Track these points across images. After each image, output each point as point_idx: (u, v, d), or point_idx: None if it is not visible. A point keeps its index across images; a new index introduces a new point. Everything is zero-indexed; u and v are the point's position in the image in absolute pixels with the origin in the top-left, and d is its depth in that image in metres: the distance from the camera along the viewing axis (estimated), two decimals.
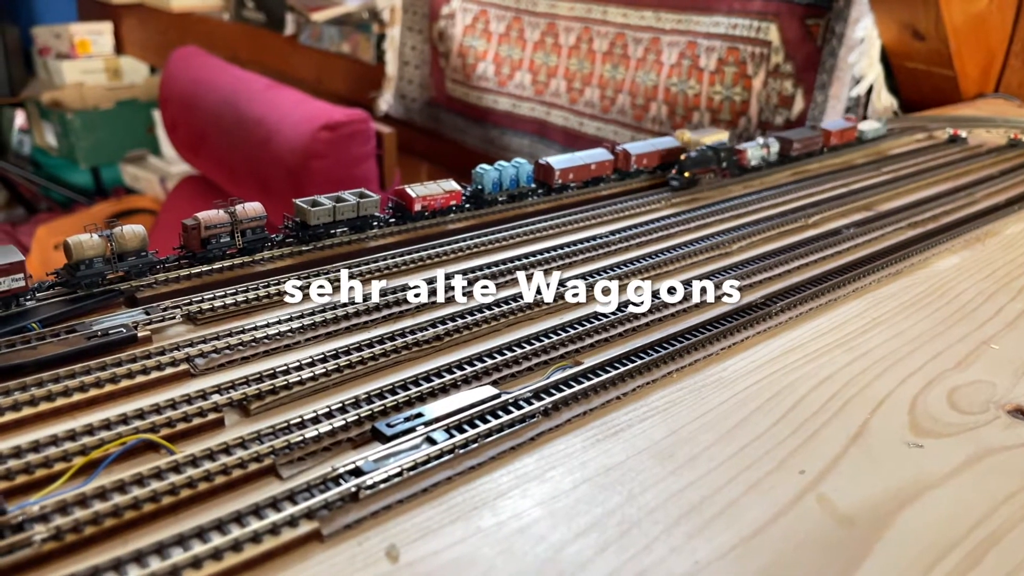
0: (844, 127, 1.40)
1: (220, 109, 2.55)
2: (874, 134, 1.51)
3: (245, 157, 2.45)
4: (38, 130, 4.35)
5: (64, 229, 3.73)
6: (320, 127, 2.16)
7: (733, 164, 1.19)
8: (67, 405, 0.60)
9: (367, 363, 0.68)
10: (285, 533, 0.50)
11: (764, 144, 1.24)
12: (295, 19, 3.25)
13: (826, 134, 1.37)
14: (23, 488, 0.52)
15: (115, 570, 0.46)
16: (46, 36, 4.14)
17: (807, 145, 1.32)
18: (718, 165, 1.16)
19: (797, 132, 1.33)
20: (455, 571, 0.49)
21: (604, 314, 0.78)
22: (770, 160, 1.26)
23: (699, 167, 1.13)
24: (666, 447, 0.61)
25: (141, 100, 4.14)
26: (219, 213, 0.80)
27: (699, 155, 1.14)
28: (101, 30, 4.15)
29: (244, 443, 0.57)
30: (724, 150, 1.17)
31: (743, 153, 1.20)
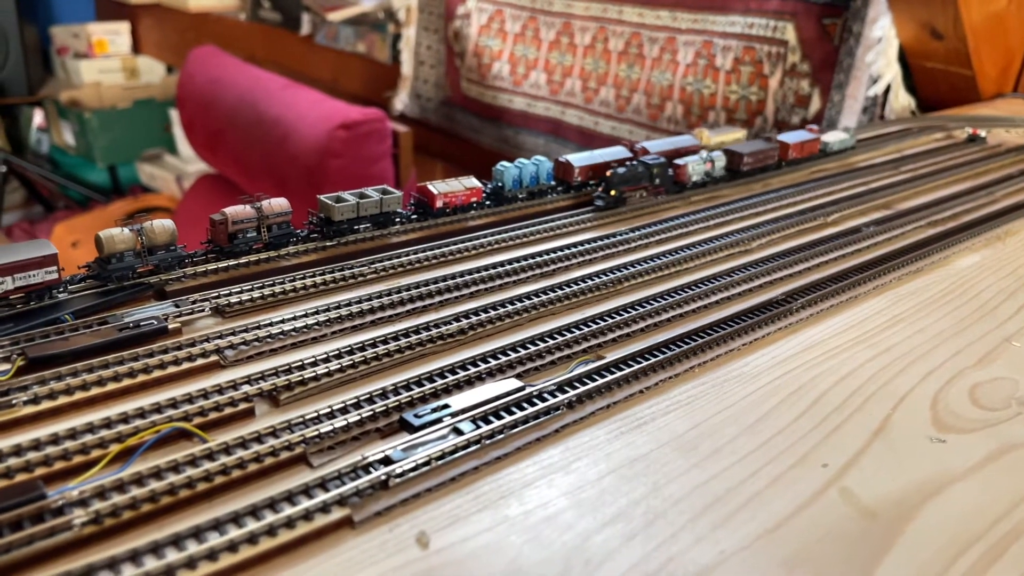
0: (805, 139, 1.28)
1: (238, 108, 2.58)
2: (840, 146, 1.37)
3: (262, 156, 2.47)
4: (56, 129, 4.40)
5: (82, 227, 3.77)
6: (337, 126, 2.18)
7: (668, 180, 1.08)
8: (101, 394, 0.61)
9: (392, 356, 0.69)
10: (318, 519, 0.51)
11: (707, 158, 1.13)
12: (311, 19, 3.28)
13: (783, 147, 1.25)
14: (61, 474, 0.53)
15: (153, 553, 0.47)
16: (64, 36, 4.19)
17: (760, 159, 1.20)
18: (650, 182, 1.06)
19: (749, 145, 1.22)
20: (484, 558, 0.50)
21: (625, 309, 0.78)
22: (715, 175, 1.15)
23: (628, 184, 1.03)
24: (689, 440, 0.62)
25: (158, 99, 4.18)
26: (245, 208, 0.82)
27: (628, 171, 1.03)
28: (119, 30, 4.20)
29: (275, 432, 0.58)
30: (658, 165, 1.06)
31: (682, 168, 1.10)
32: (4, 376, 0.62)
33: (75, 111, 4.05)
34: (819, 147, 1.33)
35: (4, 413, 0.58)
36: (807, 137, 1.29)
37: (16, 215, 4.28)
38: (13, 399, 0.59)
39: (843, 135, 1.38)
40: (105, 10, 4.39)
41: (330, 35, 3.21)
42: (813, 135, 1.30)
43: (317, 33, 3.28)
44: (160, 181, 4.07)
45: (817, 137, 1.32)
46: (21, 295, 0.70)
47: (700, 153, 1.14)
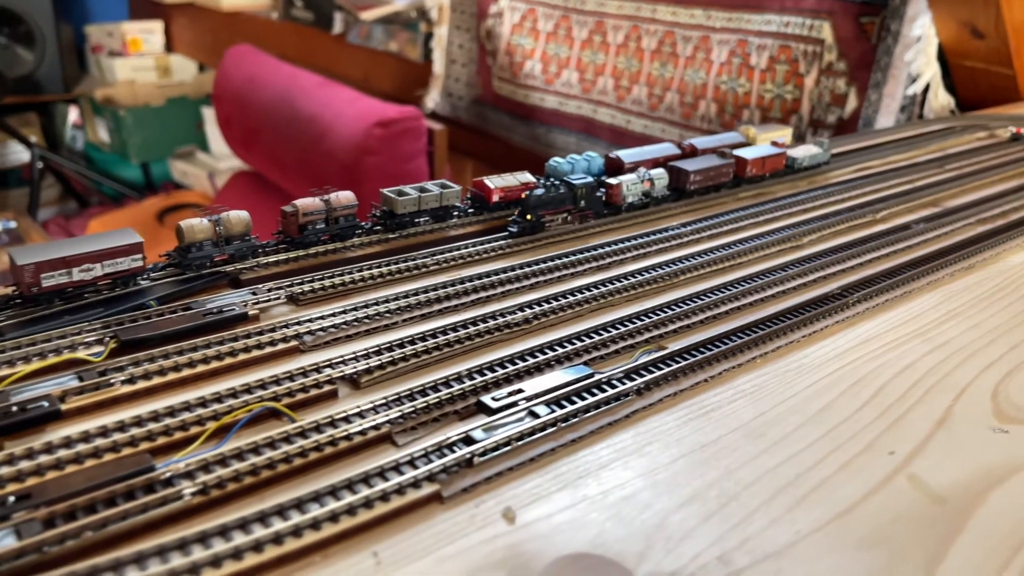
0: (767, 154, 1.16)
1: (274, 106, 2.62)
2: (811, 161, 1.23)
3: (298, 153, 2.51)
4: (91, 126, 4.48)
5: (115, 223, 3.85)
6: (374, 123, 2.21)
7: (598, 203, 0.97)
8: (192, 375, 0.64)
9: (463, 343, 0.71)
10: (409, 494, 0.53)
11: (645, 176, 1.01)
12: (343, 18, 3.32)
13: (739, 162, 1.12)
14: (163, 448, 0.56)
15: (260, 522, 0.50)
16: (99, 34, 4.28)
17: (711, 177, 1.08)
18: (575, 205, 0.95)
19: (698, 161, 1.10)
20: (569, 533, 0.52)
21: (683, 301, 0.80)
22: (656, 195, 1.04)
23: (547, 208, 0.92)
24: (756, 427, 0.63)
25: (190, 97, 4.25)
26: (315, 201, 0.85)
27: (546, 193, 0.92)
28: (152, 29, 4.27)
29: (361, 412, 0.60)
30: (584, 186, 0.94)
31: (615, 189, 0.99)
32: (99, 358, 0.65)
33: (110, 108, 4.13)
34: (784, 163, 1.20)
35: (103, 392, 0.61)
36: (770, 152, 1.17)
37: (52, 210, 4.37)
38: (111, 379, 0.62)
39: (815, 149, 1.25)
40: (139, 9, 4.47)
41: (362, 34, 3.25)
42: (779, 149, 1.18)
43: (349, 32, 3.32)
44: (192, 178, 4.14)
45: (782, 152, 1.19)
46: (108, 281, 0.74)
47: (637, 171, 1.02)
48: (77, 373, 0.62)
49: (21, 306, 0.70)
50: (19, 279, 0.69)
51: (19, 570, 0.45)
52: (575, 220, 0.96)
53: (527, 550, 0.50)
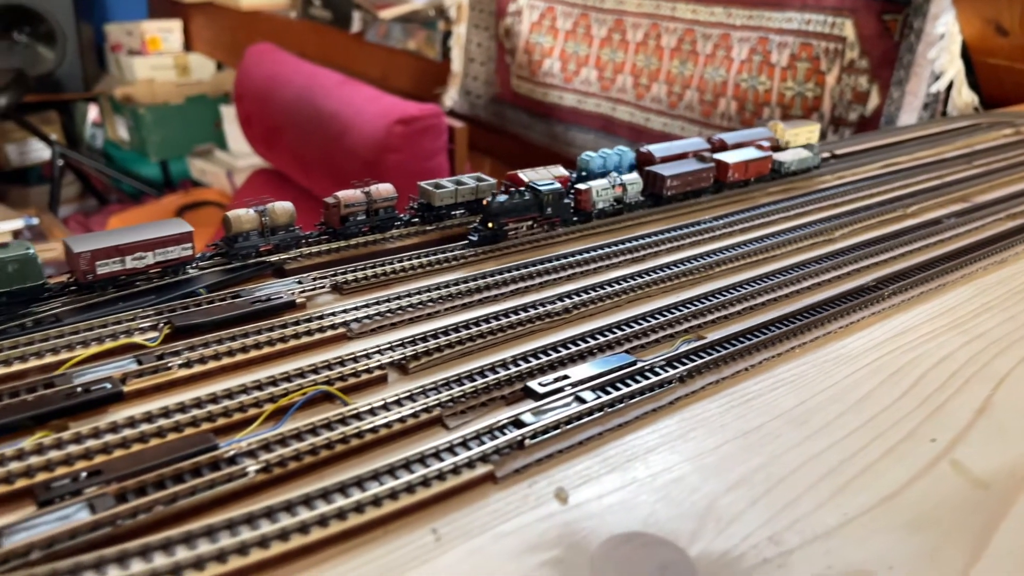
0: (751, 158, 1.09)
1: (295, 104, 2.64)
2: (800, 165, 1.17)
3: (319, 150, 2.53)
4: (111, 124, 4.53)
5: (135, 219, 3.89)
6: (395, 121, 2.23)
7: (566, 210, 0.92)
8: (245, 360, 0.66)
9: (505, 331, 0.73)
10: (464, 474, 0.55)
11: (617, 181, 0.96)
12: (362, 16, 3.34)
13: (720, 166, 1.07)
14: (223, 429, 0.58)
15: (323, 498, 0.51)
16: (118, 33, 4.32)
17: (689, 182, 1.03)
18: (540, 212, 0.90)
19: (675, 166, 1.04)
20: (621, 513, 0.53)
21: (720, 293, 0.81)
22: (630, 201, 0.98)
23: (510, 215, 0.87)
24: (798, 415, 0.64)
25: (209, 96, 4.29)
26: (356, 193, 0.86)
27: (509, 199, 0.87)
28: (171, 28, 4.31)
29: (412, 396, 0.62)
30: (552, 193, 0.89)
31: (584, 194, 0.94)
32: (154, 343, 0.67)
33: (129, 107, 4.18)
34: (770, 167, 1.14)
35: (161, 375, 0.63)
36: (754, 155, 1.10)
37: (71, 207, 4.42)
38: (168, 363, 0.64)
39: (804, 153, 1.17)
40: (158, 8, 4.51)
41: (381, 33, 3.27)
42: (763, 153, 1.12)
43: (368, 31, 3.34)
44: (210, 176, 4.18)
45: (768, 155, 1.13)
46: (158, 269, 0.75)
47: (609, 176, 0.97)
48: (135, 357, 0.64)
49: (76, 293, 0.72)
50: (75, 266, 0.71)
51: (94, 542, 0.47)
52: (541, 228, 0.91)
53: (581, 529, 0.52)
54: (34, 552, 0.46)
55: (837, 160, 1.30)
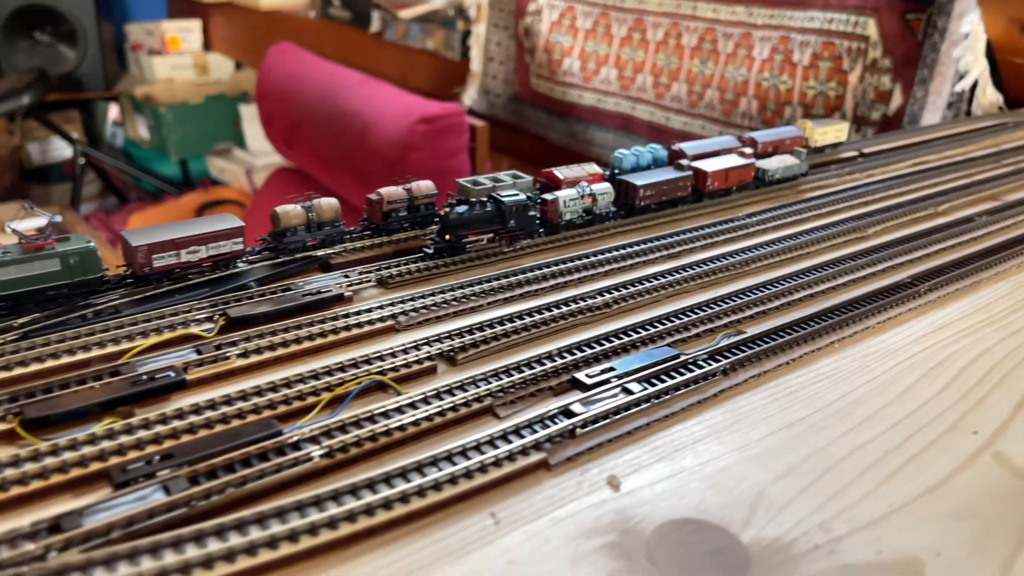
0: (732, 165, 1.04)
1: (316, 103, 2.67)
2: (784, 173, 1.11)
3: (341, 149, 2.55)
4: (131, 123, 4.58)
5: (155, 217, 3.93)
6: (418, 120, 2.25)
7: (530, 222, 0.87)
8: (299, 351, 0.68)
9: (548, 324, 0.74)
10: (519, 460, 0.56)
11: (587, 191, 0.91)
12: (381, 16, 3.36)
13: (699, 175, 1.01)
14: (283, 416, 0.60)
15: (386, 482, 0.53)
16: (139, 33, 4.37)
17: (664, 192, 0.98)
18: (502, 224, 0.85)
19: (649, 175, 0.99)
20: (672, 500, 0.55)
21: (757, 289, 0.82)
22: (601, 212, 0.94)
23: (469, 227, 0.83)
24: (841, 407, 0.66)
25: (228, 95, 4.33)
26: (398, 189, 0.88)
27: (469, 210, 0.83)
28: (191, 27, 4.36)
29: (463, 386, 0.64)
30: (516, 205, 0.84)
31: (551, 205, 0.90)
32: (210, 333, 0.69)
33: (150, 106, 4.22)
34: (753, 175, 1.09)
35: (221, 364, 0.65)
36: (736, 163, 1.05)
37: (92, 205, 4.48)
38: (226, 352, 0.66)
39: (790, 159, 1.12)
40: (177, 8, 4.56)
41: (400, 32, 3.29)
42: (745, 160, 1.07)
43: (387, 30, 3.36)
44: (229, 174, 4.21)
45: (750, 163, 1.07)
46: (210, 263, 0.77)
47: (579, 185, 0.92)
48: (195, 347, 0.66)
49: (133, 285, 0.74)
50: (132, 259, 0.73)
51: (171, 522, 0.49)
52: (503, 242, 0.87)
53: (635, 515, 0.53)
54: (114, 531, 0.48)
55: (865, 159, 1.31)
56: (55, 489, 0.52)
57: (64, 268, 0.69)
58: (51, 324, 0.68)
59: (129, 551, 0.46)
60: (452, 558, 0.49)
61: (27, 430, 0.56)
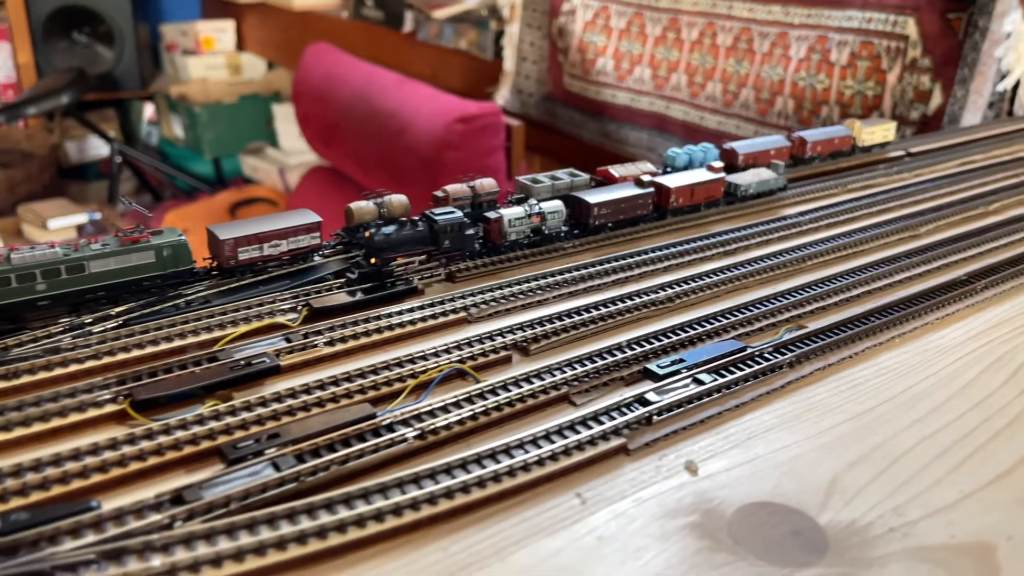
0: (698, 180, 0.97)
1: (353, 103, 2.71)
2: (760, 188, 1.03)
3: (378, 148, 2.60)
4: (166, 122, 4.67)
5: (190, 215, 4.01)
6: (455, 119, 2.28)
7: (469, 242, 0.81)
8: (380, 340, 0.71)
9: (615, 317, 0.77)
10: (600, 445, 0.59)
11: (535, 210, 0.85)
12: (414, 16, 3.40)
13: (662, 192, 0.94)
14: (374, 401, 0.63)
15: (477, 463, 0.56)
16: (173, 33, 4.46)
17: (621, 209, 0.91)
18: (436, 245, 0.79)
19: (605, 191, 0.92)
20: (749, 485, 0.57)
21: (814, 285, 0.84)
22: (550, 231, 0.88)
23: (397, 250, 0.77)
24: (906, 400, 0.68)
25: (261, 95, 4.40)
26: (462, 187, 0.91)
27: (397, 231, 0.76)
28: (224, 28, 4.43)
29: (540, 375, 0.66)
30: (450, 224, 0.79)
31: (495, 224, 0.84)
32: (295, 323, 0.72)
33: (185, 105, 4.31)
34: (723, 190, 1.02)
35: (309, 352, 0.68)
36: (703, 178, 0.97)
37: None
38: (314, 340, 0.69)
39: (766, 174, 1.04)
40: (211, 8, 4.64)
41: (433, 32, 3.33)
42: (713, 175, 0.99)
43: (419, 30, 3.40)
44: (262, 173, 4.28)
45: (720, 177, 1.00)
46: (289, 256, 0.81)
47: (527, 202, 0.87)
48: (284, 335, 0.70)
49: (219, 277, 0.78)
50: (218, 252, 0.77)
51: (282, 496, 0.53)
52: (439, 264, 0.81)
53: (714, 497, 0.56)
54: (232, 503, 0.51)
55: (912, 158, 1.32)
56: (170, 465, 0.55)
57: (158, 260, 0.73)
58: (147, 313, 0.72)
59: (248, 521, 0.49)
60: (544, 534, 0.52)
61: (137, 411, 0.60)
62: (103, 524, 0.49)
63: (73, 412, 0.59)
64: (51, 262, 0.68)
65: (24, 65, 4.14)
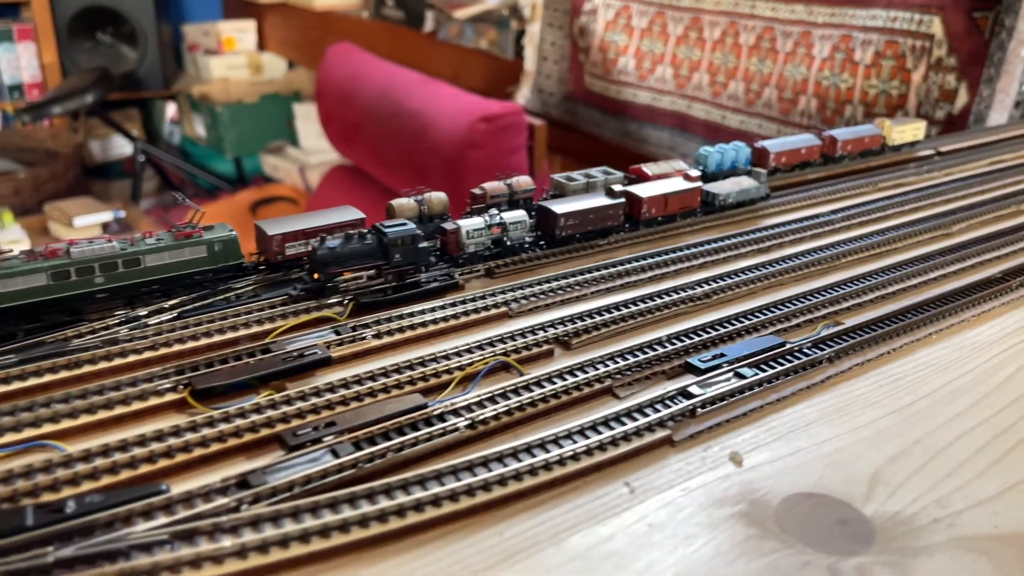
0: (671, 190, 0.93)
1: (376, 102, 2.74)
2: (739, 197, 0.98)
3: (400, 147, 2.62)
4: (188, 121, 4.73)
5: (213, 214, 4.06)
6: (478, 119, 2.30)
7: (423, 255, 0.77)
8: (424, 333, 0.73)
9: (654, 313, 0.78)
10: (646, 436, 0.60)
11: (496, 220, 0.81)
12: (435, 16, 3.43)
13: (633, 201, 0.90)
14: (423, 391, 0.65)
15: (528, 451, 0.57)
16: (195, 33, 4.51)
17: (591, 220, 0.87)
18: (386, 259, 0.75)
19: (573, 201, 0.89)
20: (794, 476, 0.58)
21: (847, 283, 0.85)
22: (512, 243, 0.83)
23: (343, 265, 0.73)
24: (946, 395, 0.68)
25: (281, 94, 4.45)
26: (500, 184, 0.93)
27: (343, 245, 0.73)
28: (245, 28, 4.48)
29: (583, 368, 0.68)
30: (401, 237, 0.74)
31: (451, 235, 0.80)
32: (342, 316, 0.74)
33: (207, 105, 4.36)
34: (699, 199, 0.98)
35: (358, 344, 0.70)
36: (677, 187, 0.93)
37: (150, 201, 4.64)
38: (362, 333, 0.71)
39: (746, 182, 0.99)
40: (232, 9, 4.69)
41: (453, 32, 3.35)
42: (689, 184, 0.95)
43: (440, 30, 3.42)
44: (282, 172, 4.32)
45: (696, 187, 0.95)
46: None
47: (487, 213, 0.83)
48: (333, 328, 0.72)
49: (267, 271, 0.80)
50: (266, 248, 0.79)
51: (341, 482, 0.54)
52: (388, 279, 0.76)
53: (760, 488, 0.57)
54: (295, 488, 0.53)
55: (942, 157, 1.32)
56: (231, 451, 0.57)
57: (209, 254, 0.75)
58: (200, 306, 0.74)
59: (311, 505, 0.51)
60: (595, 521, 0.53)
61: (196, 400, 0.62)
62: (173, 507, 0.51)
63: (135, 400, 0.61)
64: (109, 256, 0.71)
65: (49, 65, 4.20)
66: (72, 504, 0.50)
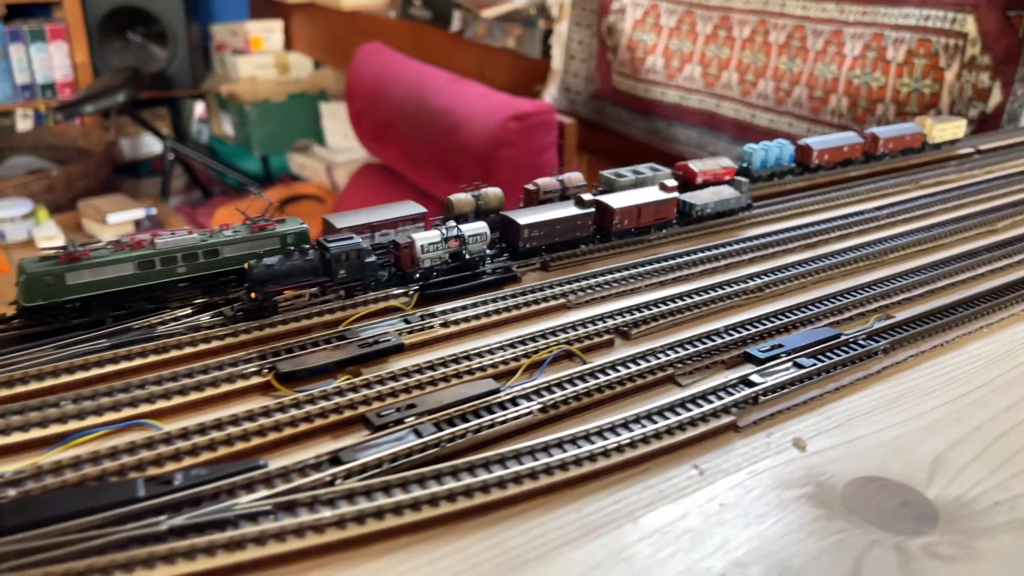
0: (646, 201, 0.90)
1: (406, 101, 2.77)
2: (718, 207, 0.96)
3: (431, 146, 2.65)
4: (216, 120, 4.80)
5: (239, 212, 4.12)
6: (509, 117, 2.33)
7: (369, 270, 0.73)
8: (488, 323, 0.76)
9: (709, 305, 0.80)
10: (712, 421, 0.63)
11: (454, 233, 0.77)
12: (462, 16, 3.46)
13: (605, 212, 0.87)
14: (494, 377, 0.68)
15: (599, 435, 0.60)
16: (223, 33, 4.58)
17: (557, 232, 0.83)
18: (329, 276, 0.71)
19: (538, 212, 0.86)
20: (856, 462, 0.60)
21: (896, 278, 0.87)
22: (475, 257, 0.79)
23: (282, 283, 0.69)
24: (999, 386, 0.70)
25: (308, 93, 4.50)
26: (552, 180, 0.95)
27: (283, 262, 0.69)
28: (272, 28, 4.54)
29: (645, 357, 0.70)
30: (346, 251, 0.71)
31: (405, 249, 0.76)
32: (408, 306, 0.77)
33: (236, 104, 4.42)
34: (675, 210, 0.94)
35: (427, 332, 0.73)
36: (652, 198, 0.90)
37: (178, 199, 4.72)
38: (430, 323, 0.74)
39: (726, 192, 0.96)
40: (260, 8, 4.75)
41: (480, 31, 3.38)
42: (665, 195, 0.92)
43: (467, 29, 3.45)
44: (309, 170, 4.38)
45: (672, 197, 0.92)
46: None
47: (444, 225, 0.79)
48: (402, 317, 0.75)
49: None
50: None
51: (425, 460, 0.57)
52: (336, 295, 0.73)
53: (825, 471, 0.59)
54: (384, 464, 0.56)
55: (981, 155, 1.33)
56: (318, 431, 0.61)
57: (282, 246, 0.78)
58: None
59: (400, 481, 0.54)
60: (667, 501, 0.56)
61: (281, 383, 0.65)
62: (272, 480, 0.54)
63: (224, 383, 0.65)
64: (191, 247, 0.74)
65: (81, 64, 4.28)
66: (180, 477, 0.53)
